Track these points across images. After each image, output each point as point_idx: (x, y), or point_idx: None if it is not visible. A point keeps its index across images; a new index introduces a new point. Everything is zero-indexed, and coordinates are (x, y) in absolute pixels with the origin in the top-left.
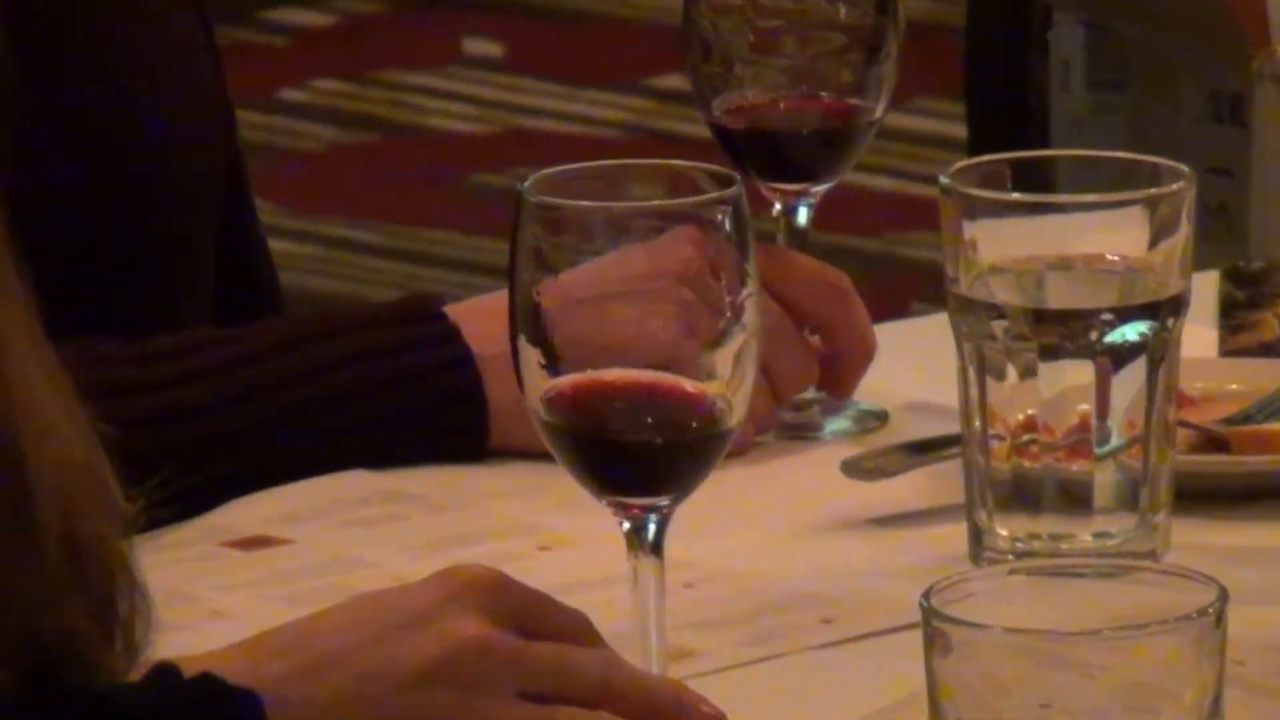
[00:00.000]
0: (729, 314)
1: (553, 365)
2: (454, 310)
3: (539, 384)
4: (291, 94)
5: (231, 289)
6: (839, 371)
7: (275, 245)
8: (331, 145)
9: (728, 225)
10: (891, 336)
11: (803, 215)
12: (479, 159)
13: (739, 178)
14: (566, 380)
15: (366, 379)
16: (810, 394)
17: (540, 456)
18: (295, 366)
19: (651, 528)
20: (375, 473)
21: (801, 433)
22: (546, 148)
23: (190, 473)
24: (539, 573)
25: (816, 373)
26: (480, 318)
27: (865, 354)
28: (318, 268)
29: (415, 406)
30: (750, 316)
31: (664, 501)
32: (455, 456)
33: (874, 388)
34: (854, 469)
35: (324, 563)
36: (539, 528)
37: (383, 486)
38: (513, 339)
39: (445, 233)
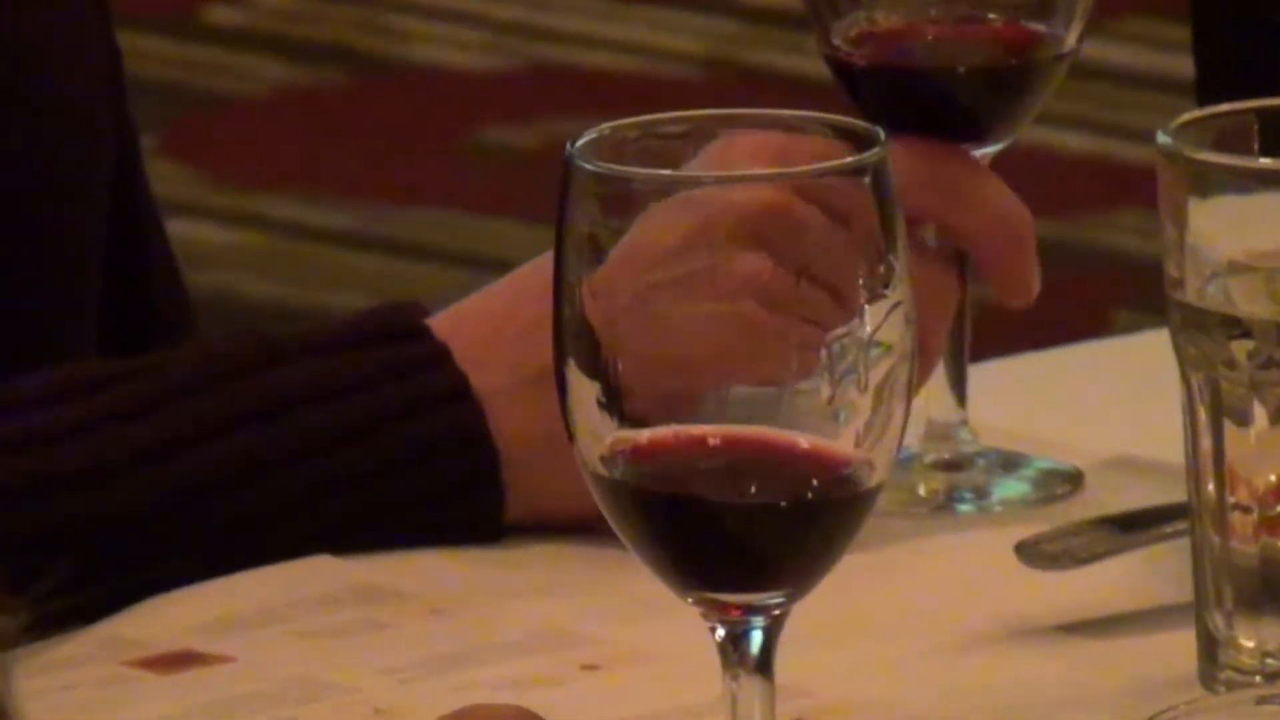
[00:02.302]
0: (866, 327)
1: (614, 403)
2: (440, 323)
3: (598, 430)
4: (222, 13)
5: (115, 307)
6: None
7: (199, 232)
8: (279, 88)
9: None
10: (1087, 361)
11: None
12: (490, 106)
13: (884, 135)
14: (641, 434)
15: (325, 427)
16: (967, 438)
17: (579, 532)
18: (227, 410)
19: (757, 637)
20: (346, 560)
21: (959, 501)
22: (585, 91)
23: (86, 567)
24: (586, 705)
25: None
26: (478, 329)
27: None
28: (259, 264)
29: (395, 463)
30: (898, 334)
31: (776, 599)
32: (458, 534)
33: (1062, 438)
34: (1034, 554)
35: (277, 690)
36: (583, 638)
37: (357, 579)
38: (558, 366)
39: (442, 212)
